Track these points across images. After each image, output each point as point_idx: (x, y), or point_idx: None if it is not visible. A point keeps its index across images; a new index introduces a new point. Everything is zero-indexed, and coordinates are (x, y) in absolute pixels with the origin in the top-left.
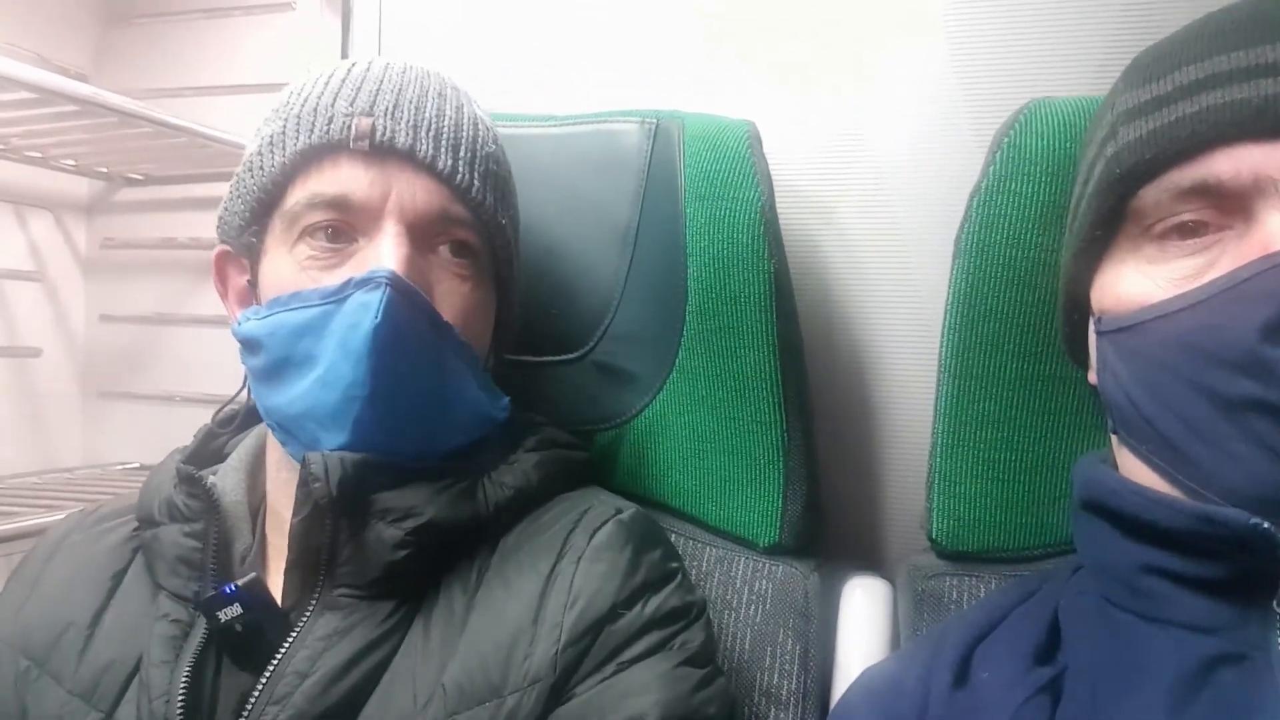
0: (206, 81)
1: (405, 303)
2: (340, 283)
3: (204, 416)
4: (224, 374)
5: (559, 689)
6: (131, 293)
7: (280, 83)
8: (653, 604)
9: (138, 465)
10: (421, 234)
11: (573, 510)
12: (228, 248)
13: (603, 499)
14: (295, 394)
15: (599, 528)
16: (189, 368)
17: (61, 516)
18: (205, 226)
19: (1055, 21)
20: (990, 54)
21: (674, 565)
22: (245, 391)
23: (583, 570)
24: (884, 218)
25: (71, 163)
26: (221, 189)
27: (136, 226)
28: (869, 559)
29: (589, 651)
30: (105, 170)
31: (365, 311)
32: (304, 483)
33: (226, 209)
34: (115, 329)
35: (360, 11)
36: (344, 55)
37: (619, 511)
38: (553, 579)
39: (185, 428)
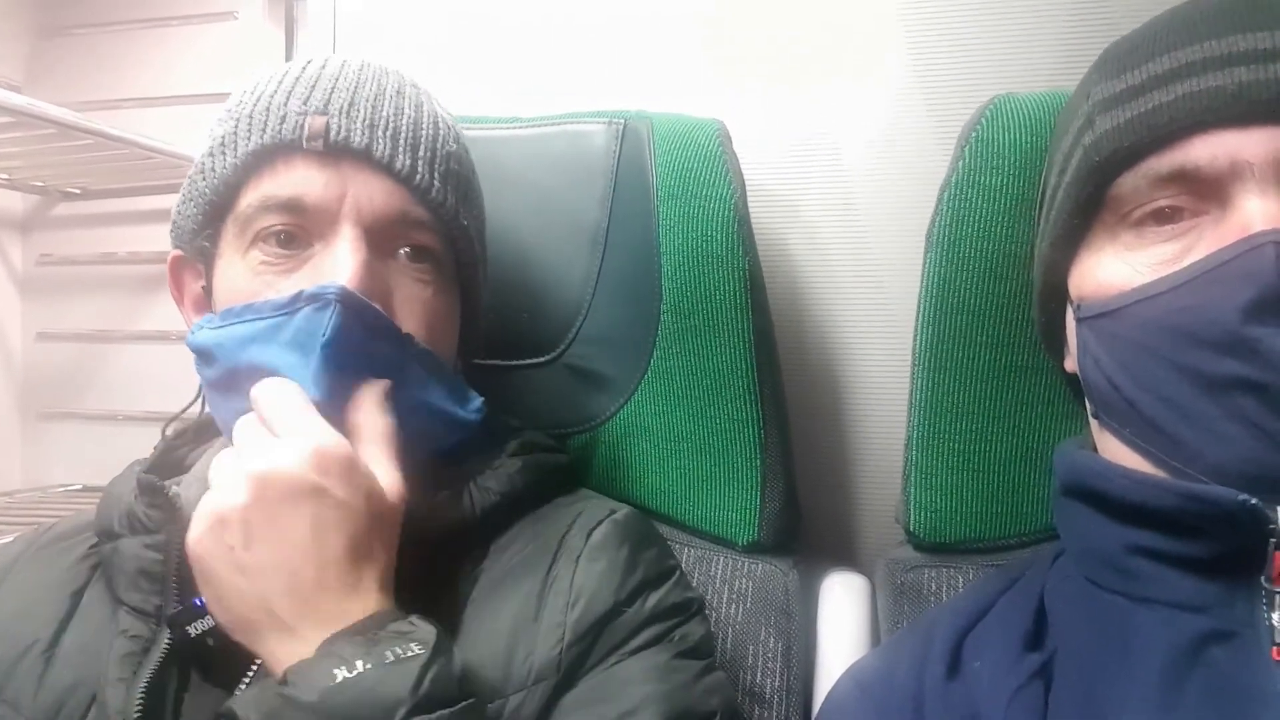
0: (146, 93)
1: (356, 320)
2: (291, 295)
3: (149, 435)
4: (168, 390)
5: (563, 687)
6: (70, 310)
7: (224, 93)
8: (653, 599)
9: (80, 486)
10: (380, 237)
11: (567, 513)
12: (181, 253)
13: (595, 501)
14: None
15: (595, 527)
16: (132, 385)
17: (1, 540)
18: (145, 240)
19: (1011, 20)
20: (949, 53)
21: (671, 563)
22: (199, 404)
23: (582, 569)
24: (849, 214)
25: (5, 177)
26: (163, 201)
27: (74, 242)
28: (843, 554)
29: (593, 648)
30: (41, 184)
31: (315, 329)
32: None
33: (179, 213)
34: (54, 348)
35: (315, 15)
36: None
37: (613, 512)
38: (551, 579)
39: (129, 447)
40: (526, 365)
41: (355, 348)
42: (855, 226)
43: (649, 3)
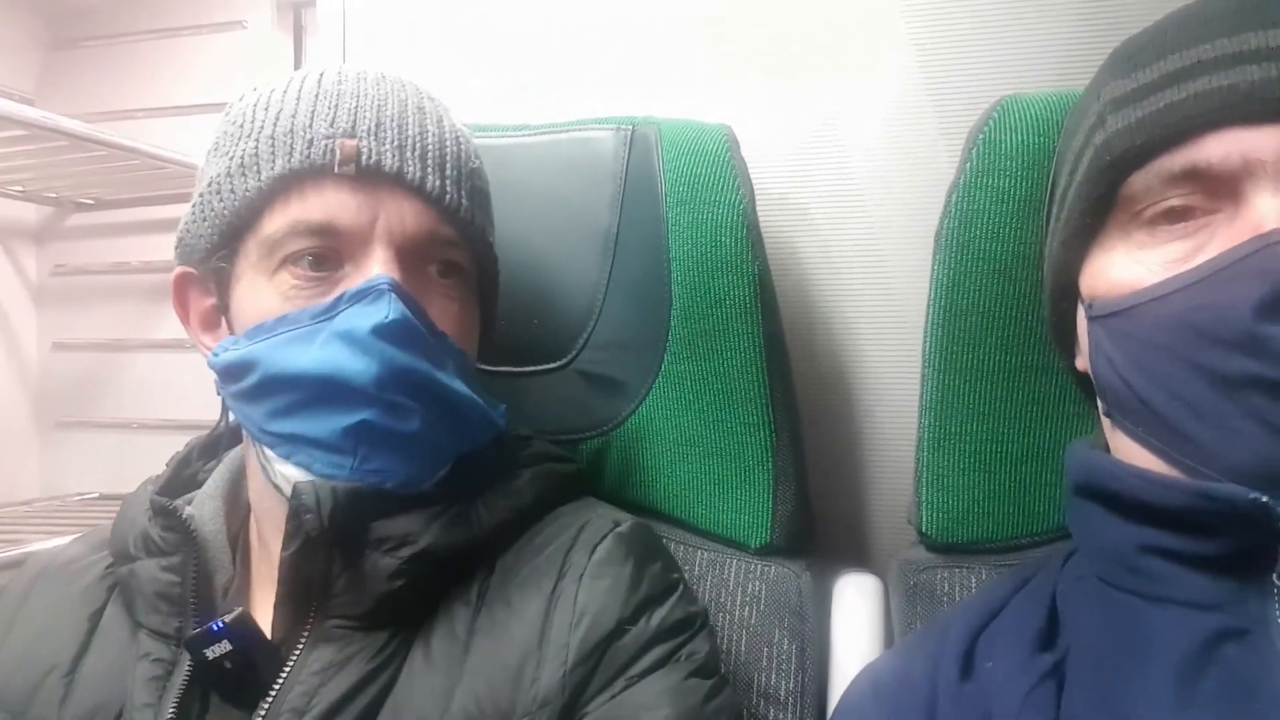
0: (157, 103)
1: (409, 307)
2: (332, 299)
3: (164, 443)
4: (183, 398)
5: (569, 710)
6: (85, 319)
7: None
8: (657, 617)
9: (97, 495)
10: (411, 257)
11: (570, 525)
12: (189, 270)
13: (599, 512)
14: (291, 409)
15: (599, 543)
16: (147, 393)
17: (19, 551)
18: (158, 249)
19: (1017, 21)
20: (954, 54)
21: (675, 576)
22: (223, 420)
23: (585, 587)
24: (857, 217)
25: (19, 189)
26: (175, 211)
27: (88, 252)
28: (855, 556)
29: (596, 670)
30: (54, 195)
31: (369, 316)
32: (294, 514)
33: (188, 231)
34: (69, 357)
35: (325, 25)
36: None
37: (617, 525)
38: (556, 598)
39: (145, 455)
40: (538, 371)
41: (409, 333)
42: (863, 228)
43: (653, 3)
